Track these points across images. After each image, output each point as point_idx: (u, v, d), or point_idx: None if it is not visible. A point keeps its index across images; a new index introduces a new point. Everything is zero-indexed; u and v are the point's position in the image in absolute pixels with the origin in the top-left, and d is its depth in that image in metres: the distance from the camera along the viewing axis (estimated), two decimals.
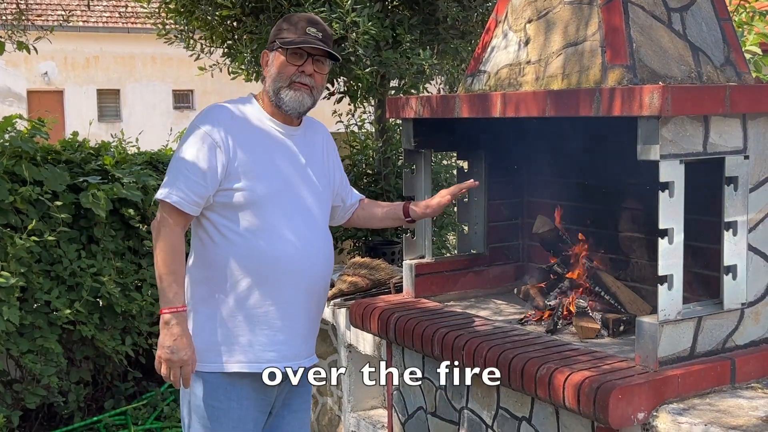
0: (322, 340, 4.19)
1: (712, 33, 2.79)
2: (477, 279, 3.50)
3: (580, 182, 3.26)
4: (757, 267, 2.58)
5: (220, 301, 2.54)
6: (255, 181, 2.51)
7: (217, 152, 2.48)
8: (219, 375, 2.54)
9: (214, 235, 2.54)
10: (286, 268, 2.53)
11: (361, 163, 6.72)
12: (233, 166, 2.50)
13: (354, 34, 5.07)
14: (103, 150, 5.02)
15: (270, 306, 2.54)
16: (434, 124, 3.31)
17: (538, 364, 2.52)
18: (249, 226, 2.52)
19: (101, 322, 4.61)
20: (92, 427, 4.75)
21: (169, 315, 2.46)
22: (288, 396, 2.71)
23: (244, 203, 2.51)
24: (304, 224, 2.59)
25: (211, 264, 2.56)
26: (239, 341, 2.53)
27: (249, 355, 2.54)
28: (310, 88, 2.57)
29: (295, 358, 2.61)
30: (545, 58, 2.91)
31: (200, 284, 2.58)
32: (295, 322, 2.59)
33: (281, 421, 2.72)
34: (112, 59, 20.36)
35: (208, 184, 2.48)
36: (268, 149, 2.58)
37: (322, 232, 2.68)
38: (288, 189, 2.58)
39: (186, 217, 2.51)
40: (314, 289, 2.63)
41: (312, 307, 2.65)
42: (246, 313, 2.53)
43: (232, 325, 2.53)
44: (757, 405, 2.33)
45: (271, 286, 2.53)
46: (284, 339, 2.57)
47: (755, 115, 2.52)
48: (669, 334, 2.42)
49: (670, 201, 2.38)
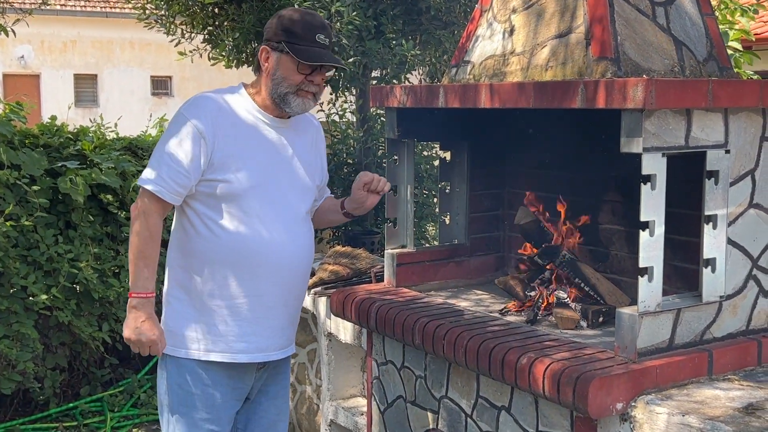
0: (302, 328, 4.18)
1: (695, 28, 2.81)
2: (458, 269, 3.52)
3: (562, 174, 3.28)
4: (736, 260, 2.61)
5: (196, 289, 2.56)
6: (238, 173, 2.52)
7: (201, 143, 2.49)
8: (193, 361, 2.57)
9: (196, 224, 2.56)
10: (264, 261, 2.55)
11: (341, 153, 6.71)
12: (217, 158, 2.50)
13: (338, 23, 5.06)
14: (82, 135, 4.97)
15: (245, 298, 2.56)
16: (418, 114, 3.31)
17: (518, 354, 2.53)
18: (230, 217, 2.53)
19: (78, 308, 4.58)
20: (68, 413, 4.72)
21: (137, 300, 2.51)
22: (266, 383, 2.73)
23: (226, 195, 2.52)
24: (286, 218, 2.60)
25: (191, 252, 2.57)
26: (213, 330, 2.56)
27: (221, 345, 2.56)
28: (314, 93, 2.60)
29: (267, 350, 2.63)
30: (530, 49, 2.92)
31: (179, 270, 2.60)
32: (270, 314, 2.60)
33: (258, 407, 2.75)
34: (90, 44, 20.15)
35: (191, 174, 2.49)
36: (254, 141, 2.57)
37: (304, 225, 2.68)
38: (271, 182, 2.58)
39: (165, 206, 2.53)
40: (293, 283, 2.64)
41: (290, 300, 2.66)
42: (221, 304, 2.55)
43: (206, 314, 2.56)
44: (734, 396, 2.36)
45: (248, 278, 2.55)
46: (258, 330, 2.59)
47: (737, 110, 2.55)
48: (648, 326, 2.45)
49: (652, 194, 2.40)
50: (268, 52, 2.58)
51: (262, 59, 2.60)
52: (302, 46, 2.52)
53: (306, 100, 2.58)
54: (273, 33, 2.57)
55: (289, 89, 2.55)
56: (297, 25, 2.55)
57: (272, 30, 2.58)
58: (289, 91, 2.55)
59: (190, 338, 2.57)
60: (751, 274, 2.66)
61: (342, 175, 6.56)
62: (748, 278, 2.65)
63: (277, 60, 2.56)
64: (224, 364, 2.58)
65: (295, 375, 4.28)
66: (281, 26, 2.56)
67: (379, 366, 3.30)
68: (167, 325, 2.61)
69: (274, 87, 2.56)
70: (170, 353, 2.59)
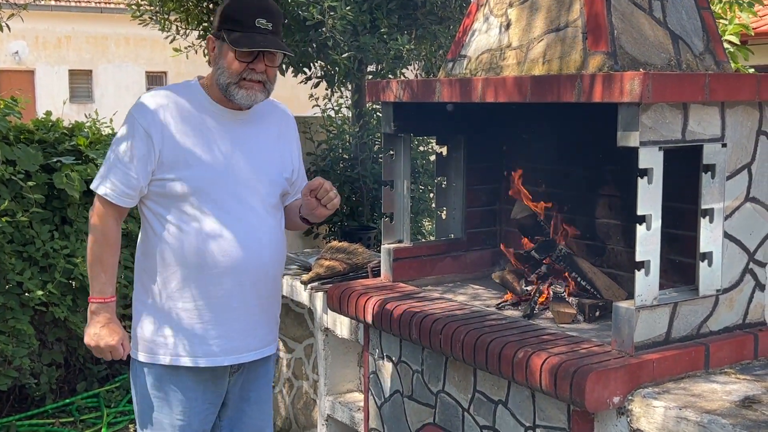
0: (299, 323, 4.18)
1: (692, 21, 2.81)
2: (454, 264, 3.51)
3: (559, 168, 3.28)
4: (732, 254, 2.61)
5: (156, 292, 2.50)
6: (190, 171, 2.43)
7: (148, 142, 2.41)
8: (163, 367, 2.51)
9: (153, 225, 2.49)
10: (222, 261, 2.47)
11: (337, 148, 6.71)
12: (166, 156, 2.42)
13: (331, 19, 5.05)
14: (77, 130, 4.95)
15: (208, 299, 2.48)
16: (414, 109, 3.30)
17: (516, 348, 2.53)
18: (185, 216, 2.45)
19: (74, 304, 4.56)
20: (64, 409, 4.72)
21: (96, 305, 2.48)
22: (245, 388, 2.66)
23: (179, 193, 2.44)
24: (246, 213, 2.50)
25: (151, 254, 2.51)
26: (178, 335, 2.49)
27: (188, 349, 2.50)
28: (263, 83, 2.47)
29: (235, 352, 2.55)
30: (527, 43, 2.91)
31: (143, 273, 2.55)
32: (236, 315, 2.52)
33: (242, 415, 2.67)
34: (85, 39, 20.09)
35: (139, 176, 2.43)
36: (207, 136, 2.47)
37: (269, 220, 2.57)
38: (228, 177, 2.48)
39: (119, 209, 2.47)
40: (259, 281, 2.55)
41: (257, 299, 2.56)
42: (183, 306, 2.48)
43: (171, 317, 2.49)
44: (731, 390, 2.37)
45: (209, 279, 2.47)
46: (225, 333, 2.51)
47: (733, 104, 2.55)
48: (645, 320, 2.45)
49: (649, 188, 2.40)
50: (212, 41, 2.48)
51: (209, 50, 2.50)
52: (239, 32, 2.39)
53: (251, 91, 2.45)
54: (217, 22, 2.47)
55: (231, 79, 2.43)
56: (234, 11, 2.42)
57: (217, 18, 2.47)
58: (230, 81, 2.43)
59: (157, 343, 2.50)
60: (748, 267, 2.66)
61: (338, 170, 6.55)
62: (745, 272, 2.66)
63: (219, 49, 2.46)
64: (194, 369, 2.51)
65: (292, 370, 4.28)
66: (221, 13, 2.45)
67: (375, 361, 3.30)
68: (136, 331, 2.55)
69: (218, 78, 2.46)
70: (139, 358, 2.53)
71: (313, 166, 6.83)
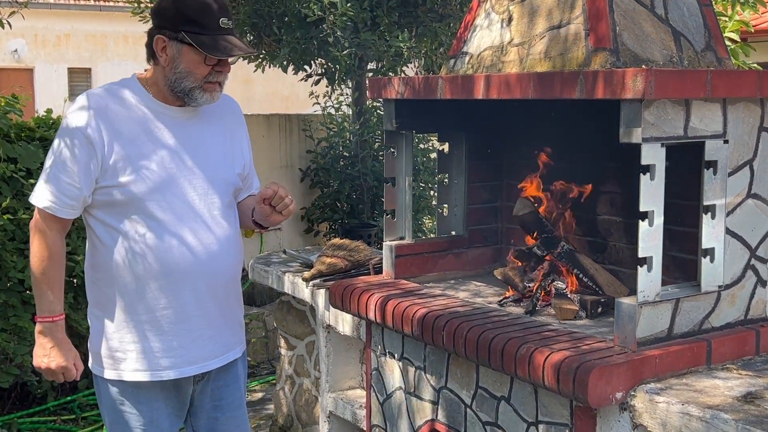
0: (300, 320, 4.19)
1: (693, 18, 2.81)
2: (456, 261, 3.52)
3: (561, 165, 3.28)
4: (734, 250, 2.62)
5: (110, 305, 2.39)
6: (136, 175, 2.31)
7: (89, 149, 2.28)
8: (123, 382, 2.42)
9: (100, 235, 2.38)
10: (176, 268, 2.36)
11: (338, 146, 6.72)
12: (109, 162, 2.29)
13: (332, 15, 5.05)
14: None
15: (163, 310, 2.38)
16: (416, 106, 3.31)
17: (518, 344, 2.54)
18: (134, 224, 2.34)
19: (75, 302, 4.56)
20: (66, 406, 4.72)
21: (43, 325, 2.37)
22: (216, 396, 2.58)
23: (126, 200, 2.32)
24: (200, 216, 2.40)
25: (100, 265, 2.39)
26: (136, 348, 2.39)
27: (146, 363, 2.39)
28: (220, 83, 2.39)
29: (197, 361, 2.46)
30: (529, 40, 2.92)
31: (93, 287, 2.44)
32: (195, 323, 2.43)
33: (215, 422, 2.60)
34: (84, 37, 20.05)
35: (82, 185, 2.30)
36: (151, 137, 2.35)
37: (223, 221, 2.46)
38: (177, 179, 2.36)
39: (61, 221, 2.36)
40: (216, 286, 2.45)
41: (214, 306, 2.46)
42: (137, 319, 2.38)
43: (124, 331, 2.39)
44: (732, 385, 2.38)
45: (163, 288, 2.36)
46: (184, 343, 2.42)
47: (735, 100, 2.55)
48: (647, 316, 2.46)
49: (651, 184, 2.40)
50: (165, 42, 2.32)
51: (157, 49, 2.33)
52: (207, 35, 2.29)
53: (213, 93, 2.37)
54: (170, 20, 2.31)
55: (195, 83, 2.33)
56: (196, 12, 2.29)
57: (168, 16, 2.31)
58: (195, 85, 2.33)
59: (115, 358, 2.40)
60: (750, 263, 2.67)
61: (339, 168, 6.57)
62: (747, 268, 2.66)
63: (177, 51, 2.31)
64: (155, 382, 2.42)
65: (293, 367, 4.29)
66: (179, 12, 2.29)
67: (378, 357, 3.31)
68: (92, 345, 2.46)
69: (177, 81, 2.33)
70: (98, 374, 2.45)
71: (314, 163, 6.85)
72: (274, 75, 6.49)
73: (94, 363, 2.47)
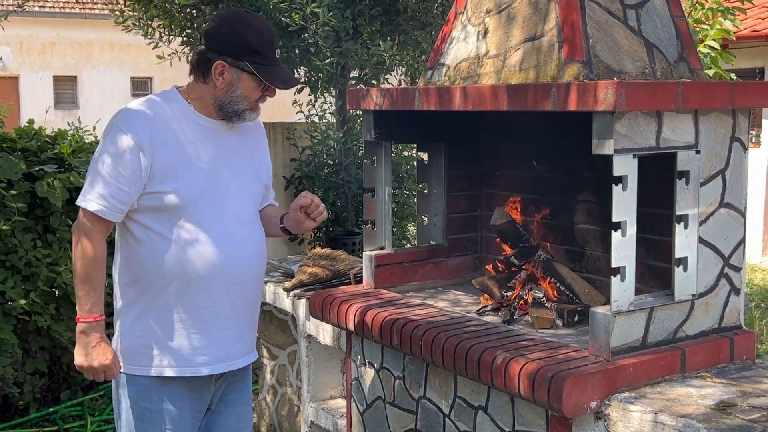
0: (282, 330, 4.20)
1: (666, 30, 2.84)
2: (436, 270, 3.54)
3: (538, 175, 3.31)
4: (707, 259, 2.65)
5: (148, 304, 2.50)
6: (181, 182, 2.44)
7: (139, 155, 2.40)
8: (150, 378, 2.51)
9: (141, 238, 2.47)
10: (216, 270, 2.49)
11: (322, 154, 6.72)
12: (157, 168, 2.42)
13: (314, 24, 5.07)
14: (60, 138, 4.95)
15: (200, 309, 2.50)
16: (395, 116, 3.33)
17: (495, 354, 2.56)
18: (177, 228, 2.46)
19: (57, 313, 4.56)
20: (48, 418, 4.71)
21: (85, 325, 2.43)
22: (225, 391, 2.68)
23: (171, 205, 2.44)
24: (235, 223, 2.54)
25: (139, 266, 2.50)
26: (169, 345, 2.50)
27: (179, 359, 2.50)
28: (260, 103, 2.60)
29: (227, 360, 2.58)
30: (504, 52, 2.94)
31: (128, 286, 2.53)
32: (227, 323, 2.55)
33: (218, 417, 2.69)
34: (69, 45, 20.01)
35: (132, 190, 2.41)
36: (194, 147, 2.49)
37: (254, 229, 2.63)
38: (216, 187, 2.51)
39: (107, 224, 2.45)
40: (248, 288, 2.59)
41: (246, 306, 2.61)
42: (175, 317, 2.49)
43: (161, 328, 2.50)
44: (706, 393, 2.40)
45: (201, 288, 2.49)
46: (216, 341, 2.54)
47: (706, 111, 2.58)
48: (621, 325, 2.48)
49: (624, 194, 2.43)
50: (224, 67, 2.48)
51: (215, 73, 2.48)
52: (266, 66, 2.48)
53: (256, 111, 2.58)
54: (232, 48, 2.47)
55: (248, 106, 2.53)
56: (260, 44, 2.48)
57: (231, 44, 2.47)
58: (246, 108, 2.53)
59: (147, 355, 2.50)
60: (723, 272, 2.70)
61: (323, 176, 6.56)
62: (720, 277, 2.69)
63: (236, 77, 2.49)
64: (184, 379, 2.52)
65: (276, 377, 4.29)
66: (244, 43, 2.47)
67: (358, 367, 3.32)
68: (122, 344, 2.54)
69: (231, 104, 2.51)
70: (127, 372, 2.53)
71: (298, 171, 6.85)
72: None
73: (123, 361, 2.54)
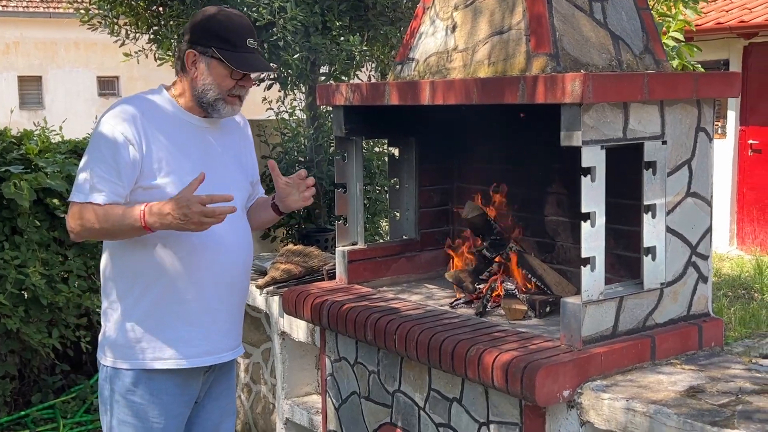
0: (256, 328, 4.18)
1: (631, 22, 2.87)
2: (409, 264, 3.55)
3: (508, 168, 3.33)
4: (675, 248, 2.69)
5: (138, 297, 2.52)
6: (171, 177, 2.46)
7: (130, 150, 2.43)
8: (139, 371, 2.53)
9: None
10: (206, 263, 2.52)
11: (293, 151, 6.69)
12: (147, 164, 2.45)
13: (282, 19, 5.05)
14: (26, 139, 4.88)
15: (190, 302, 2.52)
16: (365, 112, 3.33)
17: (468, 346, 2.58)
18: None
19: (27, 315, 4.50)
20: (20, 422, 4.65)
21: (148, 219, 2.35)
22: (211, 385, 2.70)
23: (161, 200, 2.43)
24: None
25: (129, 262, 2.52)
26: (159, 337, 2.51)
27: (169, 352, 2.52)
28: (239, 97, 2.57)
29: (215, 353, 2.60)
30: (472, 45, 2.96)
31: (117, 281, 2.55)
32: (216, 316, 2.58)
33: (201, 410, 2.71)
34: (33, 45, 19.72)
35: (125, 183, 2.43)
36: (183, 143, 2.53)
37: (241, 224, 2.66)
38: (205, 183, 2.48)
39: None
40: (236, 282, 2.62)
41: (234, 299, 2.64)
42: (164, 311, 2.51)
43: (151, 321, 2.51)
44: (676, 380, 2.44)
45: (191, 282, 2.51)
46: (206, 334, 2.56)
47: (672, 102, 2.62)
48: (592, 314, 2.51)
49: (592, 185, 2.46)
50: (196, 56, 2.51)
51: (188, 62, 2.52)
52: (236, 53, 2.48)
53: (234, 105, 2.57)
54: (201, 36, 2.51)
55: (220, 95, 2.52)
56: (229, 31, 2.49)
57: (200, 33, 2.51)
58: (219, 97, 2.53)
59: (136, 349, 2.52)
60: (691, 261, 2.74)
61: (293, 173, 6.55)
62: (688, 265, 2.73)
63: (207, 66, 2.51)
64: (172, 371, 2.54)
65: (250, 375, 4.28)
66: (212, 31, 2.50)
67: (332, 363, 3.32)
68: (109, 338, 2.56)
69: (204, 92, 2.52)
70: (114, 365, 2.54)
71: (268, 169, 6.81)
72: None
73: (111, 355, 2.55)
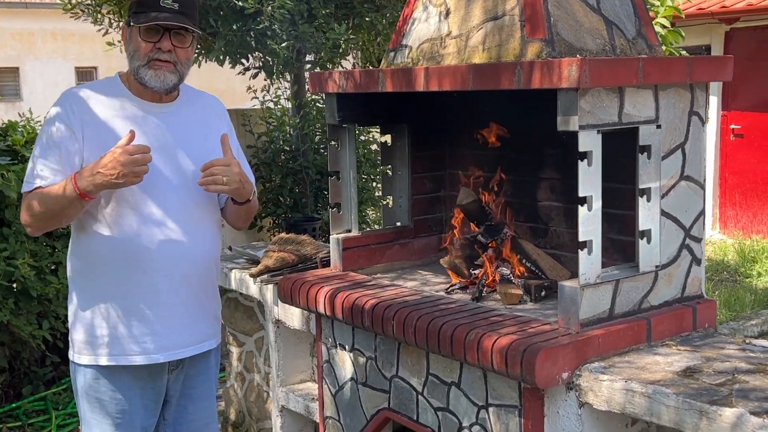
0: (248, 317, 4.19)
1: (624, 7, 2.89)
2: (403, 251, 3.56)
3: (502, 153, 3.35)
4: (670, 231, 2.72)
5: (91, 292, 2.49)
6: None
7: (71, 140, 2.41)
8: (98, 367, 2.50)
9: (84, 225, 2.48)
10: (153, 256, 2.45)
11: (278, 140, 6.68)
12: (89, 153, 2.40)
13: (269, 8, 5.03)
14: (11, 130, 4.84)
15: (139, 296, 2.47)
16: (358, 99, 3.33)
17: (467, 331, 2.60)
18: (111, 213, 2.44)
19: (16, 307, 4.48)
20: (11, 414, 4.63)
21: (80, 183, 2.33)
22: (186, 385, 2.65)
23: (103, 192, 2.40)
24: (175, 208, 2.48)
25: (82, 254, 2.50)
26: (112, 334, 2.48)
27: (122, 348, 2.48)
28: (173, 63, 2.45)
29: (171, 348, 2.54)
30: (466, 32, 2.97)
31: (75, 275, 2.54)
32: (169, 311, 2.51)
33: (183, 411, 2.67)
34: (10, 36, 19.47)
35: (66, 171, 2.40)
36: (126, 127, 2.43)
37: (201, 214, 2.55)
38: (152, 172, 2.41)
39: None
40: (191, 276, 2.54)
41: (190, 294, 2.55)
42: (115, 305, 2.47)
43: (102, 316, 2.48)
44: (672, 361, 2.47)
45: (139, 276, 2.46)
46: (159, 330, 2.50)
47: (666, 86, 2.64)
48: (589, 297, 2.54)
49: (589, 170, 2.48)
50: (125, 30, 2.49)
51: (123, 41, 2.51)
52: (144, 13, 2.39)
53: (160, 71, 2.43)
54: (128, 11, 2.47)
55: (140, 62, 2.42)
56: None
57: (129, 9, 2.48)
58: (140, 63, 2.43)
59: (92, 344, 2.49)
60: (684, 243, 2.77)
61: (280, 163, 6.54)
62: (682, 248, 2.77)
63: (129, 35, 2.46)
64: (129, 368, 2.50)
65: (243, 363, 4.29)
66: (132, 1, 2.45)
67: (329, 350, 3.33)
68: (72, 334, 2.55)
69: (131, 63, 2.46)
70: (75, 360, 2.53)
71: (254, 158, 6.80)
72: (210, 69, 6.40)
73: (73, 350, 2.55)
